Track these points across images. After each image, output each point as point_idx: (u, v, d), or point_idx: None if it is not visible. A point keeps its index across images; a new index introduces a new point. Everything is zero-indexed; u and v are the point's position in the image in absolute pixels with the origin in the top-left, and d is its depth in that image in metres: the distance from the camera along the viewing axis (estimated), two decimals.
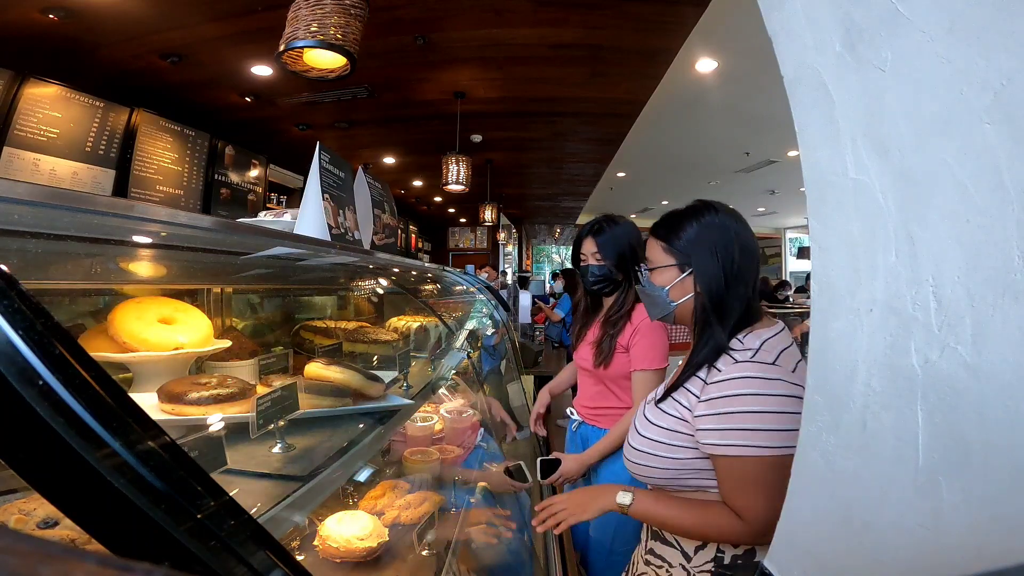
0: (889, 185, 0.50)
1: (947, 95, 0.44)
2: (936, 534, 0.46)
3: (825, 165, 0.56)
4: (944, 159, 0.45)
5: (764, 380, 0.87)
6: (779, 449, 0.84)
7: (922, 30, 0.46)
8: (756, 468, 0.86)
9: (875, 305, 0.52)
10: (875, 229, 0.51)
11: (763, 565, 0.68)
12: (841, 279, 0.56)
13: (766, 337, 0.93)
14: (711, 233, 0.97)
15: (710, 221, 0.98)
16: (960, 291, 0.44)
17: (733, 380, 0.89)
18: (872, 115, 0.51)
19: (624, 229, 1.66)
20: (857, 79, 0.52)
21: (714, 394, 0.90)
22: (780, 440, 0.84)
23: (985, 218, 0.42)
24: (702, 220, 0.98)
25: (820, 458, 0.59)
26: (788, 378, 0.88)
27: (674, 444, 0.95)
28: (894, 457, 0.50)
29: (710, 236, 0.97)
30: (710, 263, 0.96)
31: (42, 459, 0.30)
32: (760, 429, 0.86)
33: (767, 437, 0.85)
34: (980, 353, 0.43)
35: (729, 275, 0.95)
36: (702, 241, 0.97)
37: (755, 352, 0.91)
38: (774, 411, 0.86)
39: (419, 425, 1.71)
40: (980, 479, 0.43)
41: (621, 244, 1.63)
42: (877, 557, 0.52)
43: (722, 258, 0.95)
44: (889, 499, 0.51)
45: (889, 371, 0.50)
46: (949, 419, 0.45)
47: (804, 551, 0.64)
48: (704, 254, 0.96)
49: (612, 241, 1.63)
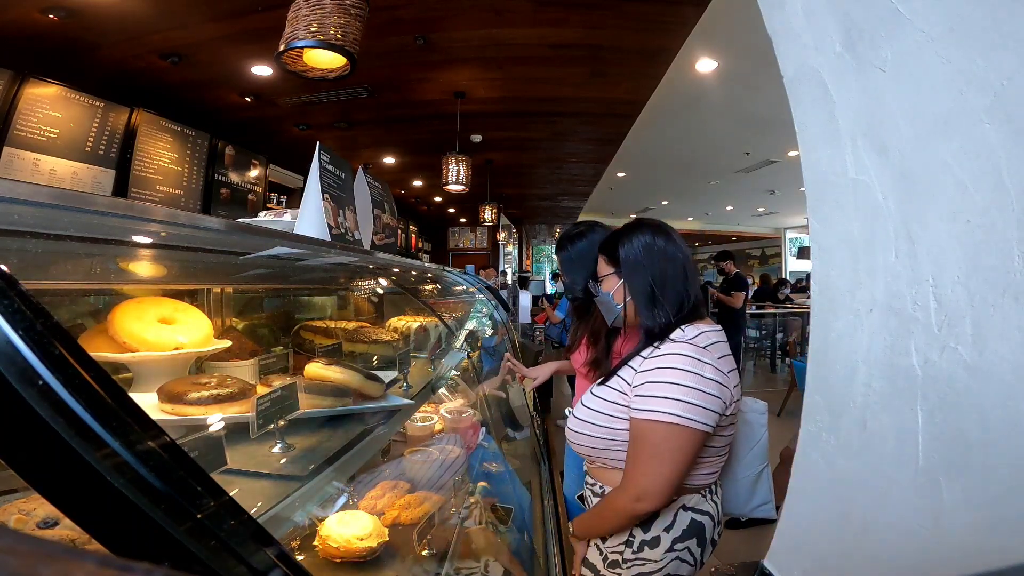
0: (889, 185, 0.50)
1: (947, 95, 0.44)
2: (936, 534, 0.46)
3: (825, 165, 0.56)
4: (944, 159, 0.45)
5: (693, 359, 0.98)
6: (687, 420, 0.94)
7: (922, 30, 0.46)
8: (658, 433, 0.96)
9: (875, 305, 0.52)
10: (875, 229, 0.51)
11: (763, 565, 0.68)
12: (841, 279, 0.56)
13: (704, 330, 1.06)
14: (638, 244, 1.15)
15: (639, 236, 1.16)
16: (960, 291, 0.44)
17: (667, 356, 1.00)
18: (872, 115, 0.51)
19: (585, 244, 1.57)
20: (857, 79, 0.52)
21: (649, 366, 1.01)
22: (691, 412, 0.94)
23: (985, 218, 0.42)
24: (632, 235, 1.16)
25: (820, 458, 0.59)
26: (714, 364, 0.99)
27: (612, 415, 1.06)
28: (894, 457, 0.50)
29: (637, 246, 1.14)
30: (636, 268, 1.13)
31: (42, 459, 0.30)
32: (677, 400, 0.95)
33: (681, 408, 0.94)
34: (980, 353, 0.43)
35: (655, 277, 1.11)
36: (631, 251, 1.15)
37: (692, 338, 1.04)
38: (694, 388, 0.96)
39: (419, 425, 1.71)
40: (980, 479, 0.43)
41: (575, 262, 1.57)
42: (877, 557, 0.52)
43: (647, 264, 1.12)
44: (889, 499, 0.51)
45: (889, 371, 0.50)
46: (949, 419, 0.45)
47: (804, 551, 0.64)
48: (631, 262, 1.14)
49: (569, 260, 1.60)
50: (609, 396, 1.08)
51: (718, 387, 0.97)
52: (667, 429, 0.94)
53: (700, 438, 0.96)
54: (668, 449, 0.95)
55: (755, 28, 0.76)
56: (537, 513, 1.88)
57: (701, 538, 1.05)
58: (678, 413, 0.94)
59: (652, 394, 0.97)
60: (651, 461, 0.96)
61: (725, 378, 0.99)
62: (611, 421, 1.06)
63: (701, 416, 0.94)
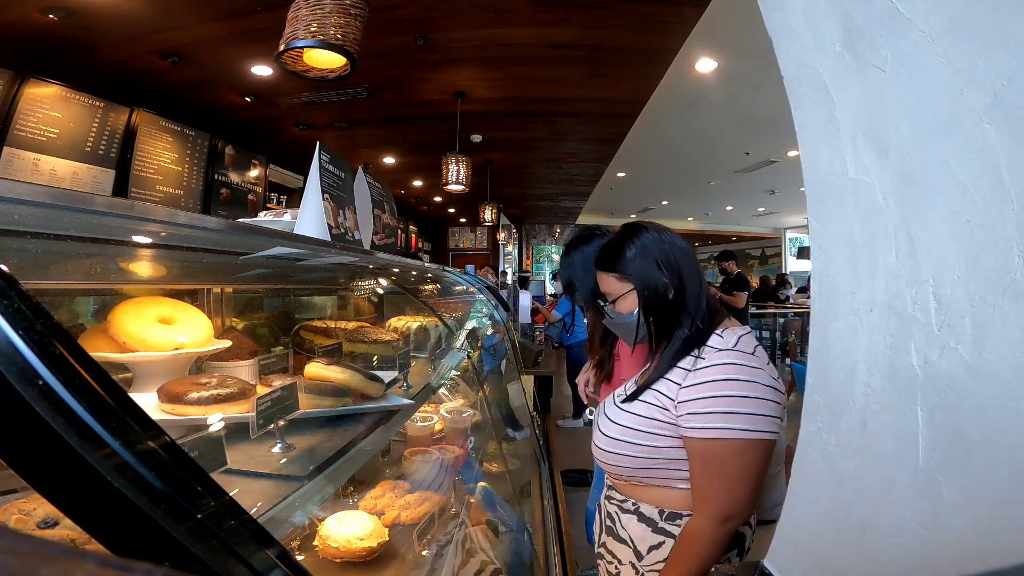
0: (889, 185, 0.50)
1: (947, 95, 0.44)
2: (936, 534, 0.46)
3: (825, 165, 0.56)
4: (944, 159, 0.45)
5: (747, 368, 0.94)
6: (757, 433, 0.90)
7: (922, 30, 0.46)
8: (731, 451, 0.91)
9: (875, 305, 0.52)
10: (875, 229, 0.51)
11: (763, 565, 0.68)
12: (841, 279, 0.56)
13: (740, 334, 1.01)
14: (649, 247, 1.06)
15: (644, 238, 1.07)
16: (960, 291, 0.44)
17: (718, 366, 0.95)
18: (872, 115, 0.51)
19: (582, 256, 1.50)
20: (857, 79, 0.52)
21: (699, 380, 0.95)
22: (758, 424, 0.90)
23: (985, 218, 0.42)
24: (637, 240, 1.07)
25: (820, 458, 0.59)
26: (766, 369, 0.95)
27: (653, 432, 0.98)
28: (894, 457, 0.50)
29: (649, 250, 1.05)
30: (658, 273, 1.04)
31: (42, 459, 0.30)
32: (742, 413, 0.91)
33: (748, 421, 0.90)
34: (980, 353, 0.43)
35: (682, 277, 1.04)
36: (645, 257, 1.05)
37: (735, 343, 0.98)
38: (755, 397, 0.92)
39: (419, 425, 1.71)
40: (980, 479, 0.43)
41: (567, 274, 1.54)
42: (877, 557, 0.52)
43: (665, 265, 1.04)
44: (889, 499, 0.51)
45: (889, 371, 0.50)
46: (949, 419, 0.45)
47: (804, 551, 0.64)
48: (651, 267, 1.04)
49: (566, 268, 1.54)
50: (645, 412, 1.00)
51: (775, 392, 0.93)
52: (740, 445, 0.90)
53: (771, 447, 0.93)
54: (742, 464, 0.91)
55: (755, 28, 0.76)
56: (537, 514, 1.88)
57: (741, 548, 1.01)
58: (747, 427, 0.90)
59: (713, 410, 0.92)
60: (728, 480, 0.92)
61: (777, 382, 0.95)
62: (653, 439, 0.98)
63: (767, 425, 0.91)
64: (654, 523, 1.01)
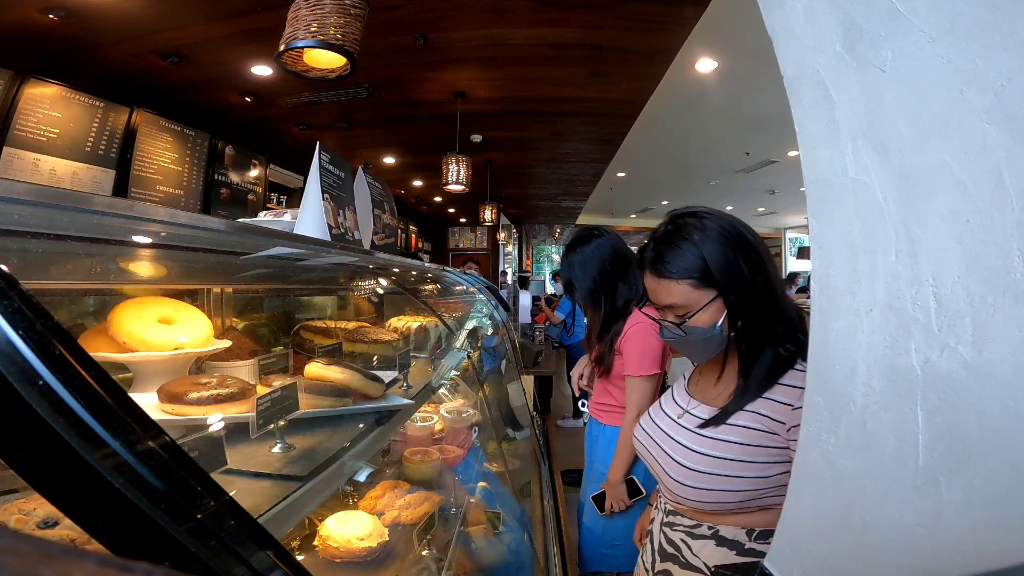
0: (889, 185, 0.50)
1: (947, 95, 0.44)
2: (936, 534, 0.46)
3: (825, 165, 0.56)
4: (944, 159, 0.45)
5: None
6: None
7: (922, 30, 0.46)
8: None
9: (875, 305, 0.52)
10: (875, 229, 0.51)
11: (763, 565, 0.68)
12: (841, 279, 0.56)
13: None
14: (729, 243, 0.85)
15: (720, 231, 0.85)
16: (960, 291, 0.44)
17: None
18: (872, 115, 0.51)
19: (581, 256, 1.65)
20: (857, 79, 0.52)
21: None
22: None
23: (985, 218, 0.42)
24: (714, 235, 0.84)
25: (820, 458, 0.59)
26: None
27: (758, 462, 0.85)
28: (894, 457, 0.50)
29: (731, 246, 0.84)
30: (744, 277, 0.84)
31: (42, 459, 0.30)
32: None
33: None
34: (980, 353, 0.43)
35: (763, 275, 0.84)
36: (727, 254, 0.84)
37: None
38: None
39: (419, 425, 1.70)
40: (980, 479, 0.43)
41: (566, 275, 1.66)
42: (877, 557, 0.52)
43: (747, 263, 0.84)
44: (889, 499, 0.51)
45: (889, 371, 0.50)
46: (949, 419, 0.45)
47: (804, 551, 0.64)
48: (736, 271, 0.83)
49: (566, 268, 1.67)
50: (746, 438, 0.85)
51: None
52: None
53: None
54: None
55: (755, 28, 0.76)
56: (537, 513, 1.88)
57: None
58: None
59: None
60: None
61: None
62: (761, 469, 0.84)
63: None
64: (739, 545, 0.89)
